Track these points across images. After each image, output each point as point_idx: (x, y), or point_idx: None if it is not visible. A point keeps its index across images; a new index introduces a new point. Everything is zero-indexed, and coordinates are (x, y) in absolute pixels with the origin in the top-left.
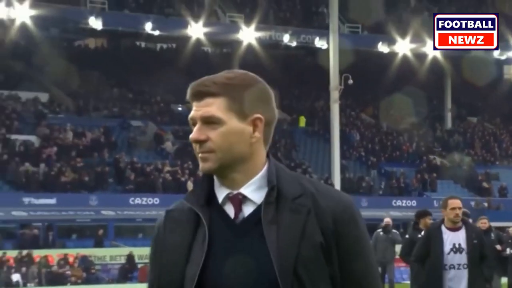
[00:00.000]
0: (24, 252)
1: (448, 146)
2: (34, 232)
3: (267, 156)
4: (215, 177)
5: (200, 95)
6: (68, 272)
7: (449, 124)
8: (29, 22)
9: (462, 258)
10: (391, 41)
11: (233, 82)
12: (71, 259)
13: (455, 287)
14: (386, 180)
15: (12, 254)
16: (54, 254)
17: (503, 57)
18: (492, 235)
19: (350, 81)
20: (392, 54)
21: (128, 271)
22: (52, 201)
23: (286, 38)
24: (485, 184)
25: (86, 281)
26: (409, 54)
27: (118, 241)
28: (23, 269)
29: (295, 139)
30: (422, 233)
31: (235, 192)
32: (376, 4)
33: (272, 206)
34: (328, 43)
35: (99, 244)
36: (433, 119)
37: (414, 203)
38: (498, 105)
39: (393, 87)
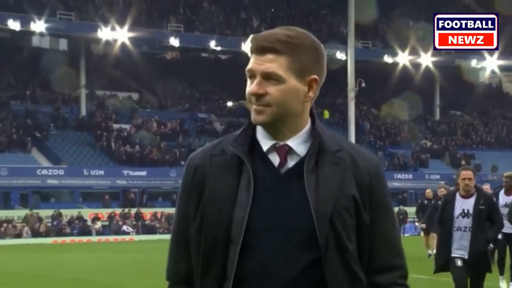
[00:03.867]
0: (126, 209)
1: (436, 133)
2: (132, 195)
3: (311, 112)
4: (260, 128)
5: (263, 50)
6: (158, 225)
7: (437, 116)
8: (127, 41)
9: (468, 222)
10: (394, 54)
11: (294, 41)
12: (159, 216)
13: (459, 247)
14: (389, 159)
15: (118, 211)
16: (147, 212)
17: (479, 66)
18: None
19: (363, 84)
20: (395, 64)
21: None
22: (144, 173)
23: None
24: (463, 162)
25: (170, 232)
26: (407, 64)
27: None
28: (127, 221)
29: None
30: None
31: (281, 143)
32: (383, 24)
33: (314, 157)
34: (346, 55)
35: None
36: (425, 113)
37: (410, 176)
38: (475, 102)
39: (395, 89)
